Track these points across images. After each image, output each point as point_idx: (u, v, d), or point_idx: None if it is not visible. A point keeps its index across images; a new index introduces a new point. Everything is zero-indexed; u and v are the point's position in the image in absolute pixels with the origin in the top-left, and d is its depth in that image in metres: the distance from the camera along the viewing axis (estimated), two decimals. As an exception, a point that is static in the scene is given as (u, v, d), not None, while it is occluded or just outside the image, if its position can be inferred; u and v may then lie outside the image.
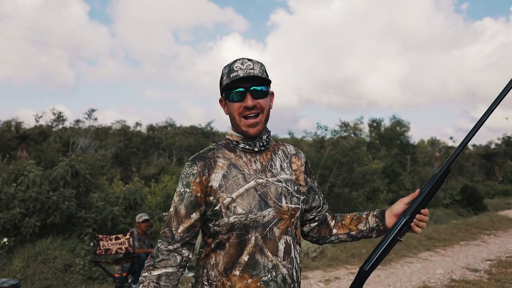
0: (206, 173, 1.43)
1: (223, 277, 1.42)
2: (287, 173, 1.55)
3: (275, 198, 1.46)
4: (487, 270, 6.63)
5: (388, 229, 1.56)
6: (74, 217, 6.92)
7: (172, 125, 36.31)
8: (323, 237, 1.68)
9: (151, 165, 24.18)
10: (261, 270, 1.41)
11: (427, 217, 1.54)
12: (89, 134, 27.46)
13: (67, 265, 6.04)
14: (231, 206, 1.40)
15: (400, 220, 1.50)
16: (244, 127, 1.47)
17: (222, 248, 1.43)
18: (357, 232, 1.62)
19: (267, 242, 1.42)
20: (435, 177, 1.51)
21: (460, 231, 10.48)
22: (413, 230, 1.52)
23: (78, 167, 7.57)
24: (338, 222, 1.67)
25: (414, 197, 1.53)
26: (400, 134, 20.91)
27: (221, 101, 1.58)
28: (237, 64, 1.48)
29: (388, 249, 1.50)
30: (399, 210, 1.55)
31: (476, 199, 16.14)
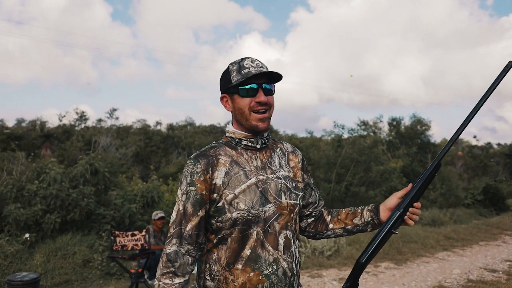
0: (209, 171, 1.48)
1: (225, 271, 1.47)
2: (286, 170, 1.62)
3: (275, 194, 1.52)
4: (506, 271, 6.52)
5: (382, 222, 1.63)
6: (93, 214, 7.09)
7: (192, 124, 36.65)
8: (320, 232, 1.75)
9: (170, 164, 24.44)
10: (262, 264, 1.46)
11: (420, 210, 1.60)
12: (110, 133, 27.95)
13: (86, 261, 6.20)
14: (234, 202, 1.46)
15: (394, 213, 1.57)
16: (254, 121, 1.53)
17: (224, 243, 1.49)
18: (353, 226, 1.69)
19: (268, 237, 1.48)
20: (426, 172, 1.58)
21: (480, 231, 10.30)
22: (406, 223, 1.59)
23: (98, 165, 7.74)
24: (334, 217, 1.73)
25: (407, 191, 1.59)
26: (421, 132, 20.60)
27: (223, 98, 1.62)
28: (247, 62, 1.56)
29: (383, 242, 1.57)
30: (393, 204, 1.61)
31: (499, 199, 15.80)
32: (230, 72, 1.57)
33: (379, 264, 6.85)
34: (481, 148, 40.82)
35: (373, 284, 5.81)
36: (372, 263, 6.92)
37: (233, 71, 1.56)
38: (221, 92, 1.62)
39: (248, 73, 1.52)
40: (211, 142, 1.57)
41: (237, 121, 1.58)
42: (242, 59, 1.57)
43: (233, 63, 1.58)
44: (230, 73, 1.57)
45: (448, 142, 1.56)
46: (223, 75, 1.62)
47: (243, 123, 1.55)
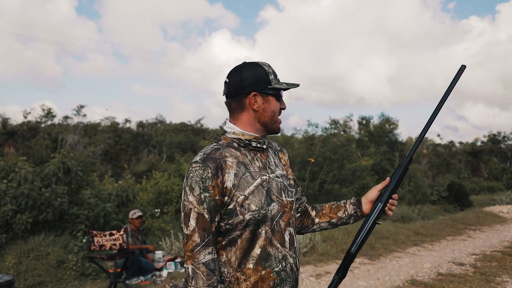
0: (220, 175, 1.46)
1: (237, 272, 1.48)
2: (280, 169, 1.67)
3: (277, 193, 1.56)
4: (473, 264, 6.80)
5: (364, 214, 1.75)
6: (66, 214, 6.93)
7: (162, 121, 36.21)
8: (306, 227, 1.82)
9: (141, 162, 24.12)
10: (273, 262, 1.50)
11: (396, 202, 1.74)
12: (78, 130, 27.26)
13: (60, 262, 6.06)
14: (245, 204, 1.47)
15: (377, 205, 1.69)
16: (278, 124, 1.62)
17: (233, 245, 1.49)
18: (337, 219, 1.78)
19: (275, 235, 1.52)
20: (401, 167, 1.74)
21: (446, 226, 10.69)
22: (386, 213, 1.72)
23: (70, 163, 7.57)
24: (319, 212, 1.81)
25: (385, 185, 1.72)
26: (389, 131, 21.17)
27: (254, 95, 1.57)
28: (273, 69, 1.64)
29: (369, 232, 1.69)
30: (374, 197, 1.73)
31: (462, 196, 16.40)
32: (268, 73, 1.57)
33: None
34: (444, 147, 42.14)
35: (349, 279, 5.95)
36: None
37: (270, 74, 1.58)
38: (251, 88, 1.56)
39: (285, 83, 1.62)
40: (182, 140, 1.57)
41: (259, 122, 1.58)
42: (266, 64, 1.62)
43: (265, 64, 1.61)
44: (267, 74, 1.57)
45: (416, 140, 1.72)
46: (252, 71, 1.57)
47: (270, 125, 1.59)
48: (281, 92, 1.61)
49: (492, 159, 35.89)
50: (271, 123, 1.58)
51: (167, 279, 5.95)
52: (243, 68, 1.59)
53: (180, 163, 11.42)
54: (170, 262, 6.32)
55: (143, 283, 5.80)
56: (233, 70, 1.61)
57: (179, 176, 10.73)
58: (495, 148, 39.54)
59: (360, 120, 21.73)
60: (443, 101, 1.73)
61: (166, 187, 9.74)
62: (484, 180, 26.83)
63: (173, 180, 10.25)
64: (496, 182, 25.51)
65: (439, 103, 1.73)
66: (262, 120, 1.57)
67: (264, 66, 1.59)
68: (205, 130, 37.19)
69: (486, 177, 28.94)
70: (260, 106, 1.56)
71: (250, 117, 1.57)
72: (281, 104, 1.62)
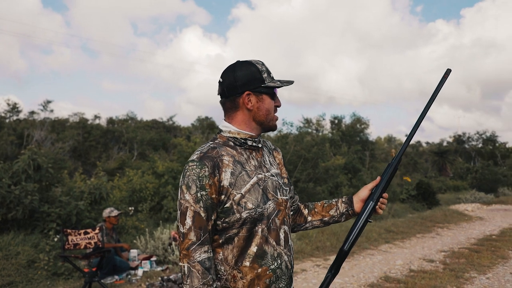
0: (217, 173, 1.46)
1: (233, 270, 1.49)
2: (275, 168, 1.69)
3: (272, 192, 1.57)
4: (442, 261, 7.02)
5: (356, 213, 1.77)
6: (37, 212, 6.73)
7: (133, 118, 35.60)
8: (299, 225, 1.84)
9: (111, 159, 23.67)
10: (268, 259, 1.51)
11: (386, 200, 1.77)
12: (45, 126, 26.47)
13: (31, 261, 5.88)
14: (242, 202, 1.47)
15: (369, 204, 1.71)
16: (274, 121, 1.63)
17: (230, 243, 1.49)
18: (329, 217, 1.80)
19: (271, 233, 1.53)
20: (391, 166, 1.76)
21: (416, 224, 10.99)
22: (376, 211, 1.75)
23: (41, 160, 7.35)
24: (311, 210, 1.83)
25: (376, 184, 1.74)
26: (360, 131, 21.57)
27: (248, 94, 1.57)
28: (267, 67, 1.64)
29: (362, 230, 1.71)
30: (365, 196, 1.75)
31: (430, 194, 16.92)
32: (261, 72, 1.57)
33: (328, 257, 7.13)
34: (412, 146, 43.21)
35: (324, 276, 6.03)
36: (322, 257, 7.19)
37: (263, 72, 1.58)
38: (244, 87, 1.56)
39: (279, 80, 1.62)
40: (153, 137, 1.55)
41: (255, 120, 1.58)
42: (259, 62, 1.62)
43: (258, 63, 1.60)
44: (260, 72, 1.57)
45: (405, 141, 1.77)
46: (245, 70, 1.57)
47: (266, 123, 1.60)
48: (275, 90, 1.61)
49: (457, 159, 37.13)
50: (267, 121, 1.59)
51: (142, 278, 5.87)
52: (236, 67, 1.58)
53: (154, 161, 11.26)
54: (145, 260, 6.24)
55: (118, 282, 5.71)
56: (226, 70, 1.60)
57: (153, 173, 10.59)
58: (460, 149, 40.91)
59: (333, 120, 22.08)
60: (430, 103, 1.77)
61: (140, 185, 9.60)
62: (450, 180, 27.73)
63: (146, 178, 10.12)
64: (461, 182, 26.40)
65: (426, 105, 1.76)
66: (257, 118, 1.58)
67: (257, 64, 1.59)
68: (177, 128, 36.83)
69: (452, 177, 29.90)
70: (254, 105, 1.57)
71: (245, 116, 1.58)
72: (276, 102, 1.63)
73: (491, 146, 38.86)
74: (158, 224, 8.54)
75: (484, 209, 15.68)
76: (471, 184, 25.40)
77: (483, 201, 18.53)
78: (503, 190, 22.76)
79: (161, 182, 9.97)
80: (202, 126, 36.73)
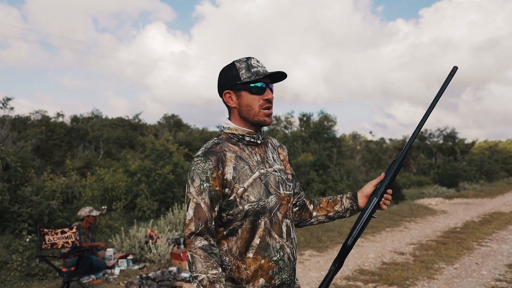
0: (220, 167, 1.55)
1: (238, 261, 1.56)
2: (278, 164, 1.75)
3: (275, 186, 1.64)
4: (412, 253, 7.30)
5: (360, 208, 1.81)
6: (7, 212, 6.53)
7: (98, 116, 34.73)
8: (304, 220, 1.89)
9: (76, 158, 23.05)
10: (271, 251, 1.58)
11: (391, 196, 1.82)
12: (5, 124, 25.43)
13: (3, 262, 5.71)
14: (244, 195, 1.55)
15: (372, 199, 1.76)
16: (263, 117, 1.63)
17: (234, 234, 1.57)
18: (334, 213, 1.85)
19: (273, 226, 1.60)
20: (395, 162, 1.79)
21: (385, 219, 11.33)
22: (381, 207, 1.79)
23: (9, 159, 7.12)
24: (316, 206, 1.88)
25: (380, 180, 1.79)
26: (328, 128, 21.93)
27: (226, 93, 1.67)
28: (254, 61, 1.65)
29: (365, 226, 1.76)
30: (369, 192, 1.80)
31: (396, 190, 17.43)
32: (238, 69, 1.63)
33: (303, 252, 7.27)
34: (376, 143, 44.26)
35: (301, 271, 6.16)
36: (311, 249, 7.33)
37: (241, 69, 1.63)
38: (224, 87, 1.67)
39: (258, 72, 1.62)
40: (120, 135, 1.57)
41: (241, 117, 1.65)
42: (247, 58, 1.66)
43: (239, 61, 1.66)
44: (237, 70, 1.63)
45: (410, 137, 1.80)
46: (226, 71, 1.67)
47: (250, 119, 1.63)
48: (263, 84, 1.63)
49: (420, 155, 38.35)
50: (250, 117, 1.63)
51: (120, 276, 5.82)
52: (222, 69, 1.69)
53: (126, 159, 11.09)
54: (122, 259, 6.18)
55: (95, 281, 5.63)
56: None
57: (125, 172, 10.43)
58: (422, 145, 42.24)
59: (301, 117, 22.37)
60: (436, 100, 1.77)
61: (112, 184, 9.45)
62: (414, 175, 28.62)
63: (118, 177, 9.96)
64: (424, 177, 27.31)
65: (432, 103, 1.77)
66: (242, 115, 1.65)
67: (237, 62, 1.65)
68: (143, 126, 36.20)
69: (415, 172, 30.88)
70: (236, 103, 1.65)
71: (235, 114, 1.67)
72: (264, 95, 1.62)
73: (451, 142, 40.33)
74: (132, 222, 8.44)
75: (446, 203, 16.32)
76: (434, 179, 26.33)
77: (445, 196, 19.26)
78: (463, 184, 23.71)
79: (134, 180, 9.84)
80: (169, 123, 36.26)
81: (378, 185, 1.78)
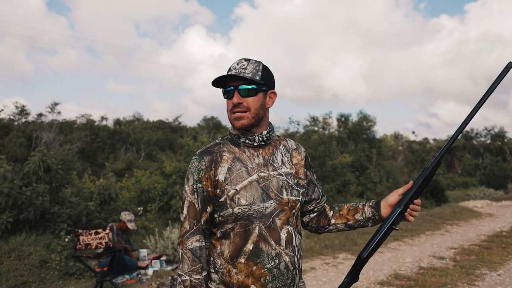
0: (213, 167, 1.53)
1: (229, 265, 1.52)
2: (288, 167, 1.65)
3: (276, 191, 1.56)
4: (452, 258, 6.99)
5: (383, 218, 1.68)
6: (48, 213, 6.79)
7: (140, 119, 35.76)
8: (322, 227, 1.79)
9: (119, 160, 23.81)
10: (265, 258, 1.51)
11: (419, 207, 1.66)
12: (53, 128, 26.65)
13: (43, 261, 5.95)
14: (235, 198, 1.50)
15: (395, 210, 1.63)
16: (232, 120, 1.59)
17: (227, 238, 1.53)
18: (354, 221, 1.74)
19: (270, 232, 1.53)
20: (426, 170, 1.63)
21: (425, 221, 10.94)
22: (406, 219, 1.65)
23: (50, 162, 7.42)
24: (336, 213, 1.77)
25: (407, 189, 1.65)
26: (367, 128, 21.49)
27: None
28: (234, 64, 1.59)
29: (384, 237, 1.64)
30: (394, 201, 1.67)
31: (439, 191, 16.86)
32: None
33: (337, 256, 7.12)
34: (419, 143, 43.02)
35: (334, 274, 6.04)
36: (330, 255, 7.18)
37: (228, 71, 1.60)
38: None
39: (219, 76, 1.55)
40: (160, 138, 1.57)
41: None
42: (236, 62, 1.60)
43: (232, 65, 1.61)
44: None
45: (447, 143, 1.64)
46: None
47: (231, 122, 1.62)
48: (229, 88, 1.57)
49: (465, 155, 36.89)
50: (230, 121, 1.61)
51: (152, 277, 5.91)
52: None
53: (162, 161, 11.32)
54: (155, 260, 6.28)
55: (129, 281, 5.75)
56: None
57: (161, 174, 10.65)
58: (468, 145, 40.65)
59: (339, 118, 22.03)
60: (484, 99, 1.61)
61: (148, 185, 9.66)
62: (458, 176, 27.57)
63: (154, 178, 10.17)
64: (469, 178, 26.25)
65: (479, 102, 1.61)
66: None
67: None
68: (183, 128, 36.93)
69: (460, 173, 29.72)
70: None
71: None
72: (233, 99, 1.56)
73: (499, 142, 38.54)
74: (167, 224, 8.60)
75: (493, 206, 15.57)
76: (480, 180, 25.24)
77: (492, 198, 18.41)
78: (512, 186, 22.60)
79: (169, 182, 10.02)
80: (208, 126, 36.82)
81: (404, 194, 1.64)
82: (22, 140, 23.11)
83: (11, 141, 22.27)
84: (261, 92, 1.59)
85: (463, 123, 1.62)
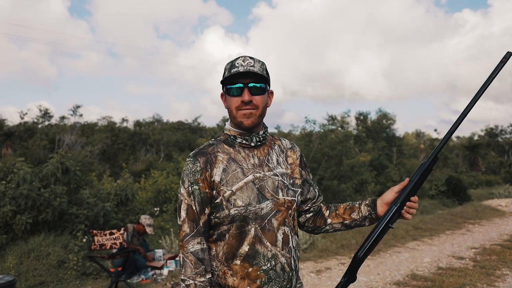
0: (208, 168, 1.51)
1: (224, 267, 1.50)
2: (283, 167, 1.63)
3: (272, 191, 1.54)
4: (472, 258, 6.83)
5: (379, 217, 1.65)
6: (66, 214, 6.92)
7: (159, 120, 36.15)
8: (318, 227, 1.76)
9: (138, 161, 24.09)
10: (261, 260, 1.49)
11: (417, 204, 1.62)
12: (75, 130, 27.20)
13: (61, 261, 6.05)
14: (231, 199, 1.48)
15: (391, 208, 1.60)
16: (239, 118, 1.54)
17: (222, 239, 1.51)
18: (351, 221, 1.70)
19: (266, 233, 1.51)
20: (423, 166, 1.60)
21: (445, 221, 10.72)
22: (403, 217, 1.62)
23: (69, 163, 7.55)
24: (332, 212, 1.74)
25: (403, 186, 1.61)
26: (386, 127, 21.18)
27: (222, 95, 1.64)
28: (239, 60, 1.56)
29: (380, 236, 1.60)
30: (390, 199, 1.63)
31: (461, 190, 16.46)
32: (224, 70, 1.59)
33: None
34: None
35: (350, 274, 5.96)
36: (347, 254, 7.10)
37: (226, 70, 1.58)
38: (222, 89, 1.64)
39: (236, 71, 1.52)
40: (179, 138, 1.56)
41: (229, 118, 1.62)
42: (236, 58, 1.58)
43: (229, 61, 1.60)
44: (224, 71, 1.59)
45: (444, 137, 1.60)
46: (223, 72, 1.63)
47: (233, 121, 1.58)
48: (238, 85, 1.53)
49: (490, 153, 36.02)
50: (233, 118, 1.57)
51: (168, 277, 5.95)
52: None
53: (178, 162, 11.41)
54: (170, 260, 6.32)
55: (144, 281, 5.81)
56: None
57: (178, 174, 10.73)
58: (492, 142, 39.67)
59: (358, 116, 21.76)
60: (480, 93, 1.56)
61: (165, 186, 9.74)
62: (482, 174, 26.93)
63: (171, 179, 10.25)
64: (494, 176, 25.61)
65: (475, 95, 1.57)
66: (229, 117, 1.61)
67: (228, 63, 1.60)
68: (202, 128, 37.15)
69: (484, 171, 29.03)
70: (225, 104, 1.61)
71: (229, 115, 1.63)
72: (242, 97, 1.52)
73: (525, 138, 37.48)
74: (183, 224, 8.64)
75: (518, 204, 15.15)
76: (505, 178, 24.61)
77: (517, 196, 17.90)
78: (539, 184, 21.93)
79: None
80: (227, 126, 36.91)
81: (400, 192, 1.61)
82: (45, 142, 23.66)
83: (34, 143, 22.83)
84: (267, 91, 1.59)
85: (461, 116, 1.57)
